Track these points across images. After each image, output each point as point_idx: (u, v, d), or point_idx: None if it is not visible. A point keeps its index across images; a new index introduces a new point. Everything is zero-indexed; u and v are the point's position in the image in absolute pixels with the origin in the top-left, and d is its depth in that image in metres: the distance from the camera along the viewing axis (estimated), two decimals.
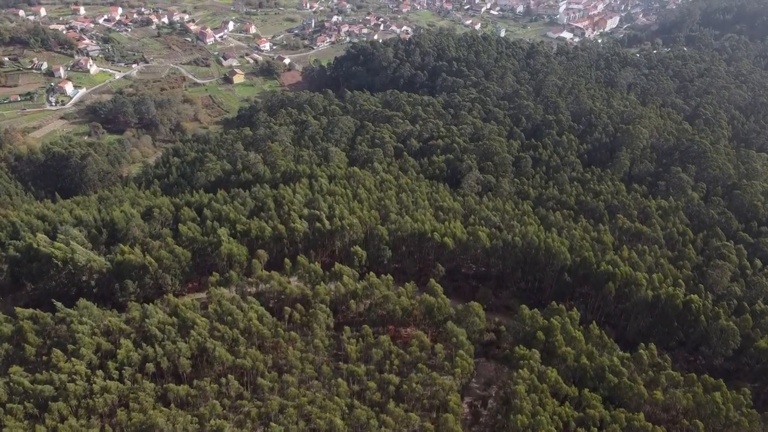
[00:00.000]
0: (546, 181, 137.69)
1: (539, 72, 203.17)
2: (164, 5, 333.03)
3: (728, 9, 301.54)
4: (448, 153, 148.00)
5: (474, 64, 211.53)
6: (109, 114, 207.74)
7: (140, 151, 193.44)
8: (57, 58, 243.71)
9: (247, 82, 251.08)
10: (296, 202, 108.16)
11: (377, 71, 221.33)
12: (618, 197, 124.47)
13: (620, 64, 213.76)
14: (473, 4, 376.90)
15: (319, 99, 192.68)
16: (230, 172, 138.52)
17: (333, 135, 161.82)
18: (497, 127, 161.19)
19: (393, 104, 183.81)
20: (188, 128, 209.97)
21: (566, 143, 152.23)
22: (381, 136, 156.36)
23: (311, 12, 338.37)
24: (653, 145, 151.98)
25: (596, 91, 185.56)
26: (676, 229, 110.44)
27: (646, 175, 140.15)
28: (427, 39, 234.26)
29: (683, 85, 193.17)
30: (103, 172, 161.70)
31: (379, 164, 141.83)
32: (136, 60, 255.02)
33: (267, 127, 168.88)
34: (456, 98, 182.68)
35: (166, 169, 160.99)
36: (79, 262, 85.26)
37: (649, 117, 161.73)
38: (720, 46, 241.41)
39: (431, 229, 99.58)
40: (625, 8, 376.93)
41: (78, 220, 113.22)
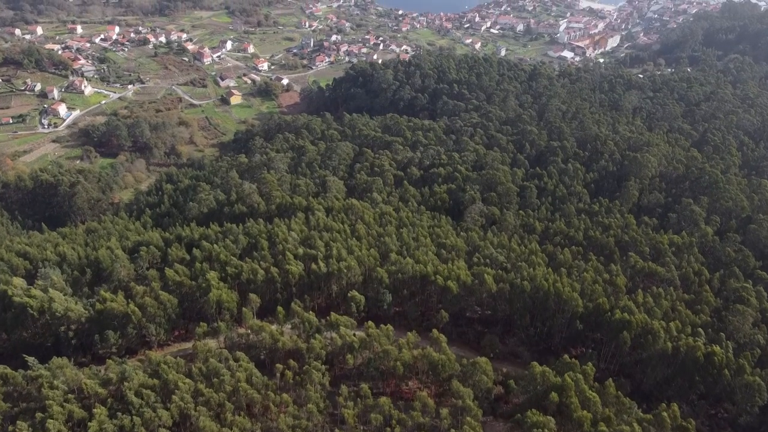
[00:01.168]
0: (552, 212, 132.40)
1: (542, 95, 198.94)
2: (162, 24, 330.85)
3: (730, 29, 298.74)
4: (450, 182, 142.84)
5: (475, 87, 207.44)
6: (102, 137, 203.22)
7: (133, 176, 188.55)
8: (51, 79, 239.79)
9: (245, 103, 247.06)
10: (291, 240, 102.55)
11: (377, 93, 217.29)
12: (628, 232, 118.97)
13: (624, 86, 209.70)
14: (473, 22, 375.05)
15: (316, 123, 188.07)
16: (224, 203, 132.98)
17: (331, 162, 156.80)
18: (500, 154, 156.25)
19: (393, 129, 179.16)
20: (183, 152, 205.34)
21: (572, 171, 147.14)
22: (380, 163, 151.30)
23: (310, 31, 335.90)
24: (662, 173, 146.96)
25: (601, 116, 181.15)
26: (691, 268, 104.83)
27: (656, 206, 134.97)
28: (427, 60, 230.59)
29: (690, 109, 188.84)
30: (93, 200, 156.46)
31: (379, 194, 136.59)
32: (132, 80, 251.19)
33: (263, 154, 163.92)
34: (457, 123, 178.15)
35: (159, 197, 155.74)
36: (56, 312, 79.48)
37: (657, 144, 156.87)
38: (724, 68, 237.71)
39: (434, 272, 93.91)
40: (625, 27, 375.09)
41: (61, 257, 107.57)
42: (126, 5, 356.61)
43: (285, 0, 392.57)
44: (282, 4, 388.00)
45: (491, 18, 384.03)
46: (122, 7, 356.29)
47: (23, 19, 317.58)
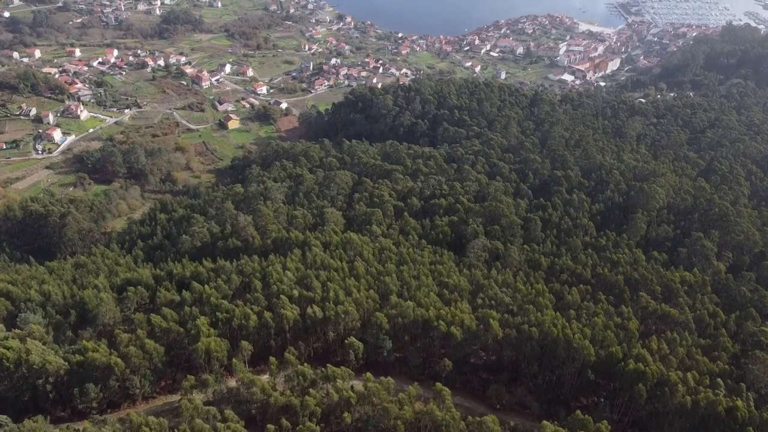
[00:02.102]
0: (558, 246, 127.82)
1: (544, 122, 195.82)
2: (161, 47, 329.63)
3: (731, 53, 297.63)
4: (451, 214, 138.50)
5: (476, 113, 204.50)
6: (96, 163, 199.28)
7: (127, 204, 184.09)
8: (47, 104, 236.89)
9: (243, 128, 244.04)
10: (286, 280, 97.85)
11: (376, 119, 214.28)
12: (637, 269, 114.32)
13: (627, 112, 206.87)
14: (473, 45, 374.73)
15: (315, 150, 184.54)
16: (218, 237, 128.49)
17: (329, 191, 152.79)
18: (503, 183, 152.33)
19: (392, 156, 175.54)
20: (179, 178, 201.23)
21: (577, 203, 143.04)
22: (380, 193, 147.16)
23: (309, 54, 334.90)
24: (669, 205, 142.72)
25: (605, 144, 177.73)
26: (705, 310, 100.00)
27: (665, 240, 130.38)
28: (427, 85, 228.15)
29: (695, 136, 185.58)
30: (83, 231, 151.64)
31: (378, 227, 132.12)
32: (129, 105, 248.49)
33: (260, 183, 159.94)
34: (458, 150, 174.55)
35: (152, 227, 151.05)
36: (34, 365, 74.40)
37: (663, 174, 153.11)
38: (727, 93, 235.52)
39: (436, 316, 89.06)
40: (625, 50, 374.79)
41: (46, 297, 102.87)
42: (126, 28, 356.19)
43: (285, 23, 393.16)
44: (282, 27, 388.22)
45: (491, 41, 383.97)
46: (122, 29, 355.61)
47: (22, 42, 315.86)
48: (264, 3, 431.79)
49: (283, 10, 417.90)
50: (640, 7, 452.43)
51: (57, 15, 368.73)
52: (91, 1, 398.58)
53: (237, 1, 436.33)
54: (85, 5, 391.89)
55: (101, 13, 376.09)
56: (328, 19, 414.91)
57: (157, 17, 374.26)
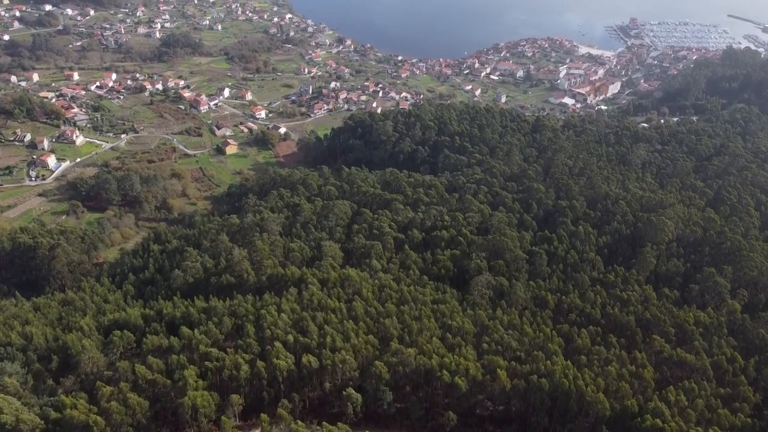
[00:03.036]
0: (564, 282, 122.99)
1: (547, 149, 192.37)
2: (160, 70, 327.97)
3: (734, 77, 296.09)
4: (453, 247, 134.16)
5: (477, 140, 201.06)
6: (90, 191, 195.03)
7: (121, 233, 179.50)
8: (42, 129, 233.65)
9: (241, 153, 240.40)
10: (281, 323, 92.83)
11: (376, 145, 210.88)
12: (649, 308, 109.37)
13: (631, 139, 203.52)
14: (473, 68, 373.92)
15: (313, 178, 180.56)
16: (211, 272, 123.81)
17: (327, 222, 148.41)
18: (506, 214, 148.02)
19: (393, 185, 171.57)
20: (175, 205, 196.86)
21: (583, 235, 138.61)
22: (379, 225, 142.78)
23: (309, 77, 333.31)
24: (679, 237, 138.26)
25: (610, 172, 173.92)
26: (723, 355, 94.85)
27: (675, 275, 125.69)
28: (427, 111, 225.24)
29: (701, 164, 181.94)
30: (73, 264, 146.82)
31: (378, 261, 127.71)
32: (126, 130, 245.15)
33: (256, 212, 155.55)
34: (460, 179, 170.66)
35: (144, 260, 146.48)
36: (6, 424, 69.14)
37: (671, 204, 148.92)
38: (731, 118, 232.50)
39: (439, 365, 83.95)
40: (625, 73, 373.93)
41: (27, 340, 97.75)
42: (125, 51, 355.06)
43: (285, 46, 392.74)
44: (282, 50, 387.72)
45: (491, 64, 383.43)
46: (121, 53, 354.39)
47: (21, 65, 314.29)
48: (264, 26, 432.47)
49: (283, 33, 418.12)
50: (640, 30, 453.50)
51: (57, 38, 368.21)
52: (92, 25, 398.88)
53: (237, 24, 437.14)
54: (85, 28, 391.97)
55: (101, 36, 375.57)
56: (327, 42, 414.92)
57: (157, 40, 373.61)
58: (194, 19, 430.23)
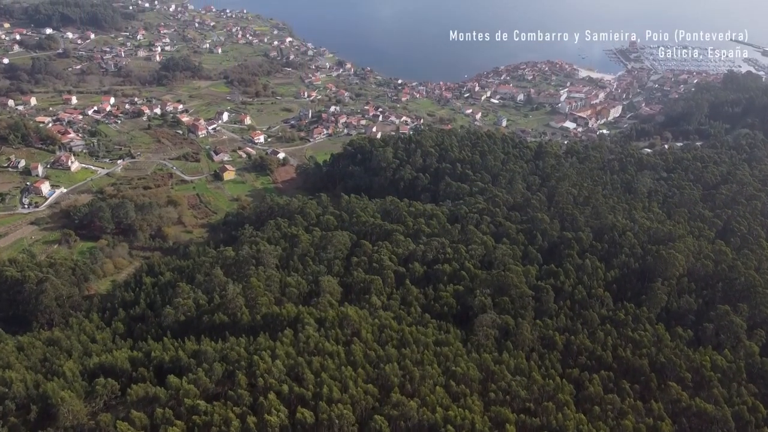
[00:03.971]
0: (573, 320, 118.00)
1: (550, 176, 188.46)
2: (159, 94, 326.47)
3: (736, 102, 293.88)
4: (456, 282, 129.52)
5: (479, 167, 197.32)
6: (84, 219, 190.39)
7: (114, 263, 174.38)
8: (37, 155, 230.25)
9: (238, 179, 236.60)
10: (275, 370, 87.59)
11: (376, 171, 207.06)
12: (662, 350, 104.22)
13: (636, 166, 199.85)
14: (473, 92, 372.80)
15: (312, 207, 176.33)
16: (204, 310, 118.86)
17: (326, 254, 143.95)
18: (510, 247, 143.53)
19: (393, 214, 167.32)
20: (170, 234, 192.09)
21: (590, 269, 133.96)
22: (380, 258, 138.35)
23: (308, 101, 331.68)
24: (690, 271, 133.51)
25: (615, 201, 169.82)
26: (744, 404, 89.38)
27: (688, 313, 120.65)
28: (428, 137, 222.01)
29: (708, 192, 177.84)
30: (62, 298, 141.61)
31: (378, 297, 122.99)
32: (122, 155, 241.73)
33: (252, 244, 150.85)
34: (462, 208, 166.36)
35: (136, 293, 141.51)
36: None
37: (681, 236, 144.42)
38: (736, 144, 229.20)
39: (443, 419, 78.56)
40: (626, 97, 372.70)
41: (7, 386, 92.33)
42: (125, 74, 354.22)
43: (285, 69, 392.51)
44: (281, 73, 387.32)
45: (491, 87, 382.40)
46: (121, 76, 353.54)
47: (19, 89, 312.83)
48: (264, 49, 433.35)
49: (284, 56, 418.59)
50: (639, 53, 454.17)
51: (56, 61, 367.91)
52: (92, 48, 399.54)
53: (237, 47, 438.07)
54: (85, 52, 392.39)
55: (101, 59, 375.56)
56: (328, 65, 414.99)
57: (156, 64, 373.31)
58: (194, 42, 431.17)
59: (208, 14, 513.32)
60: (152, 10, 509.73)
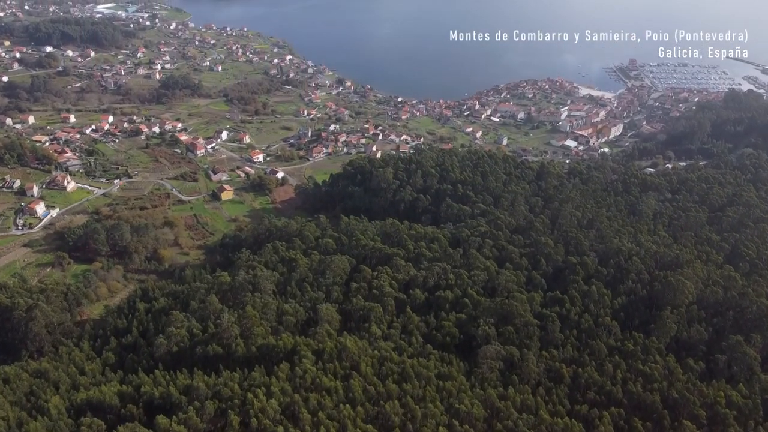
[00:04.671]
0: (580, 351, 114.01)
1: (553, 198, 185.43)
2: (158, 112, 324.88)
3: (738, 121, 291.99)
4: (458, 309, 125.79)
5: (481, 188, 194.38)
6: (78, 241, 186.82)
7: (108, 287, 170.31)
8: (32, 175, 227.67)
9: (237, 199, 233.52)
10: (270, 410, 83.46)
11: (376, 192, 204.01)
12: (674, 384, 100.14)
13: (640, 187, 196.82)
14: (473, 110, 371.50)
15: (310, 229, 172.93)
16: (198, 340, 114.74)
17: (324, 280, 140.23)
18: (513, 272, 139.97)
19: (393, 237, 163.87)
20: (166, 256, 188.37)
21: (596, 296, 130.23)
22: (380, 284, 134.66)
23: (308, 120, 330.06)
24: (699, 299, 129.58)
25: (620, 224, 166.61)
26: None
27: (699, 343, 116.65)
28: (428, 157, 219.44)
29: (715, 215, 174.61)
30: (53, 325, 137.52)
31: (378, 326, 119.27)
32: (119, 175, 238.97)
33: (249, 269, 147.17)
34: (464, 232, 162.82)
35: (128, 320, 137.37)
36: None
37: (688, 261, 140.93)
38: (740, 164, 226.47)
39: None
40: (627, 115, 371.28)
41: None
42: (124, 93, 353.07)
43: (284, 87, 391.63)
44: (281, 91, 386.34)
45: (491, 105, 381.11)
46: (120, 94, 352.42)
47: (17, 107, 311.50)
48: (265, 67, 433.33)
49: (283, 74, 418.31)
50: (639, 71, 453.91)
51: (56, 80, 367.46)
52: (92, 66, 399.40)
53: (237, 65, 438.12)
54: (85, 70, 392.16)
55: (101, 77, 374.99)
56: (327, 83, 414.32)
57: (156, 82, 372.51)
58: (195, 60, 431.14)
59: (208, 32, 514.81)
60: (153, 28, 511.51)
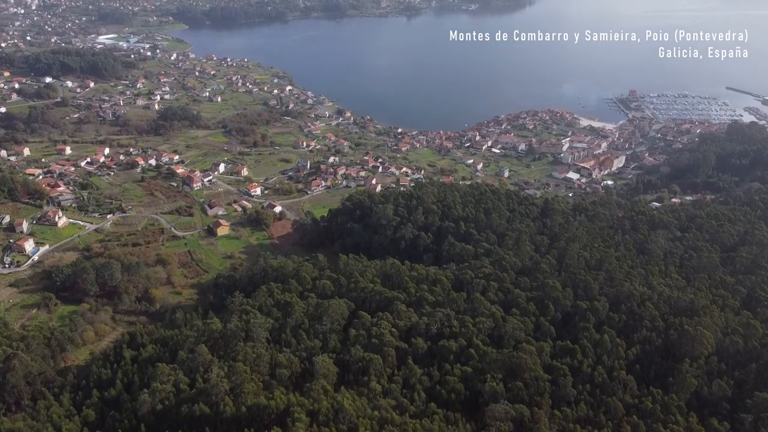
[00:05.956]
0: (594, 409, 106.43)
1: (559, 237, 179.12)
2: (155, 144, 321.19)
3: (744, 153, 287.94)
4: (464, 361, 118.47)
5: (484, 225, 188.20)
6: (66, 281, 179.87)
7: (95, 330, 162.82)
8: (23, 210, 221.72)
9: (233, 234, 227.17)
10: None
11: (376, 229, 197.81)
12: None
13: (648, 224, 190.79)
14: (474, 141, 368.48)
15: (307, 270, 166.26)
16: (184, 397, 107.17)
17: (321, 326, 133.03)
18: (521, 318, 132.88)
19: (394, 279, 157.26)
20: (157, 296, 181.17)
21: (609, 345, 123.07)
22: (379, 332, 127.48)
23: (307, 151, 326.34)
24: (718, 349, 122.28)
25: (630, 265, 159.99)
26: None
27: (722, 400, 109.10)
28: (430, 192, 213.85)
29: (728, 255, 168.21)
30: (32, 375, 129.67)
31: (377, 381, 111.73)
32: (113, 209, 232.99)
33: (242, 314, 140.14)
34: (468, 273, 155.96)
35: (113, 370, 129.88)
36: None
37: (705, 307, 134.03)
38: (748, 199, 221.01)
39: None
40: (629, 146, 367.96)
41: None
42: (122, 124, 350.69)
43: (284, 118, 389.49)
44: (281, 122, 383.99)
45: (492, 137, 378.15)
46: (118, 125, 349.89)
47: (14, 138, 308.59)
48: (264, 98, 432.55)
49: (283, 105, 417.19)
50: (640, 102, 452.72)
51: (54, 110, 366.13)
52: (91, 97, 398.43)
53: (237, 95, 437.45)
54: (83, 100, 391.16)
55: (99, 108, 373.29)
56: (327, 114, 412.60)
57: (155, 112, 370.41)
58: (194, 90, 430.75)
59: (209, 63, 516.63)
60: (154, 59, 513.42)
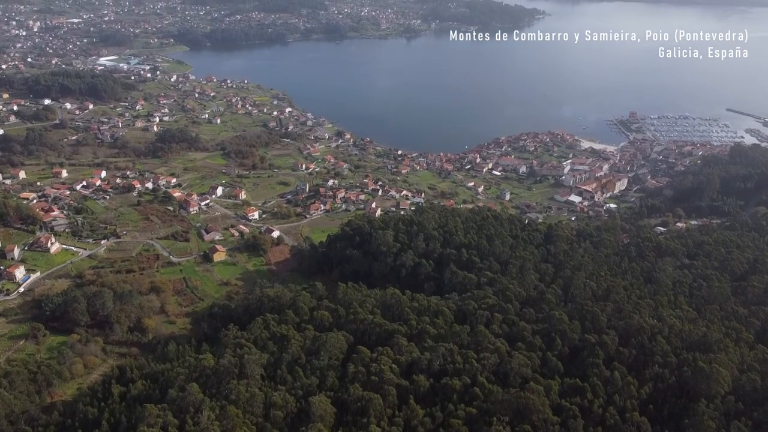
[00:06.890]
0: None
1: (564, 265, 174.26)
2: (153, 167, 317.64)
3: (748, 177, 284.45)
4: (468, 402, 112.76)
5: (487, 252, 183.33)
6: (56, 310, 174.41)
7: (85, 362, 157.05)
8: (15, 236, 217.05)
9: (229, 260, 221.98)
10: None
11: (375, 256, 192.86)
12: None
13: (654, 251, 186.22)
14: (474, 164, 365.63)
15: (305, 300, 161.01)
16: None
17: (318, 362, 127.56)
18: (527, 353, 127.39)
19: (394, 310, 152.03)
20: (150, 325, 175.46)
21: (620, 383, 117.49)
22: (379, 368, 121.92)
23: (306, 174, 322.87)
24: (734, 387, 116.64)
25: (638, 296, 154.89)
26: None
27: None
28: (430, 218, 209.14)
29: (738, 285, 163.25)
30: (14, 414, 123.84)
31: (377, 423, 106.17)
32: (107, 235, 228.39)
33: (236, 348, 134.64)
34: (471, 304, 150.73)
35: (100, 408, 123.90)
36: None
37: (717, 340, 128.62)
38: (755, 224, 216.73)
39: None
40: (631, 169, 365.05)
41: None
42: (120, 146, 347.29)
43: (283, 140, 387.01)
44: (280, 144, 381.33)
45: (492, 159, 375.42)
46: (116, 147, 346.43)
47: (10, 161, 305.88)
48: (264, 120, 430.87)
49: (282, 126, 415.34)
50: (640, 124, 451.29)
51: (52, 132, 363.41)
52: (89, 119, 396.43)
53: (236, 117, 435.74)
54: (82, 122, 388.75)
55: (97, 130, 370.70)
56: (327, 136, 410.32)
57: (153, 135, 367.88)
58: (193, 112, 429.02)
59: (208, 84, 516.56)
60: (154, 81, 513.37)
